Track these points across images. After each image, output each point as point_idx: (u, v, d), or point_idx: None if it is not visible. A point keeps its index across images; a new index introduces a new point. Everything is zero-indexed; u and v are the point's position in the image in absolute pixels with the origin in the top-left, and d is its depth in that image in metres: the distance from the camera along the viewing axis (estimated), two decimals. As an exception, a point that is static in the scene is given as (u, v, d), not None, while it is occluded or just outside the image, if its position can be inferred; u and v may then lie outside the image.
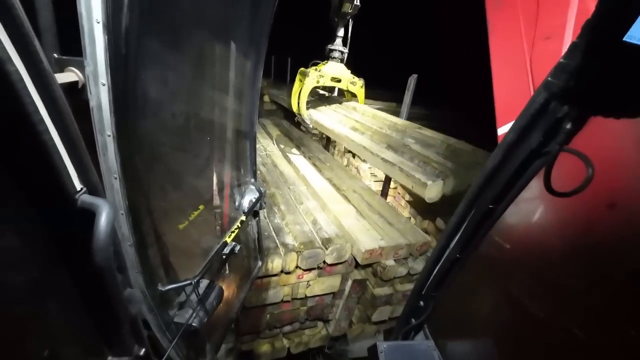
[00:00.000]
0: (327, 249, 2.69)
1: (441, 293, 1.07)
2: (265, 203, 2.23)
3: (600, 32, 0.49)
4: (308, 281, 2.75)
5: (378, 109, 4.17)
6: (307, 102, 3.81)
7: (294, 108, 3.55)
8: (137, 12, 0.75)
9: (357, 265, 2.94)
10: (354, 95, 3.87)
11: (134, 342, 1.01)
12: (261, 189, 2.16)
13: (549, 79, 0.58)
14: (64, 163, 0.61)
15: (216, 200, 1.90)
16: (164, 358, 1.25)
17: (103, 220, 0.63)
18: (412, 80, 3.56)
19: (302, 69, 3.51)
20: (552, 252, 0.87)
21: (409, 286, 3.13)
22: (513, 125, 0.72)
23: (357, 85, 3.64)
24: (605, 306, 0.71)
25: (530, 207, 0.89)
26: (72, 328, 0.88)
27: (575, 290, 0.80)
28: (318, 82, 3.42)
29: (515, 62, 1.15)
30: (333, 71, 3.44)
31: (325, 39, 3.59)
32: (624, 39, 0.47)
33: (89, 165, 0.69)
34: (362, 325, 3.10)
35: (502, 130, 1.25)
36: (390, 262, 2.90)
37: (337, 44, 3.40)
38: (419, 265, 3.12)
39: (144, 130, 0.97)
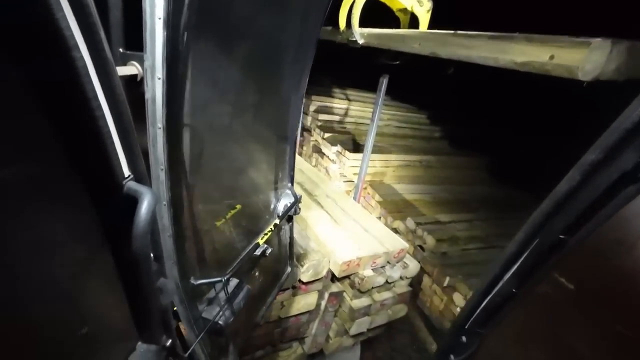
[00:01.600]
0: (302, 266, 2.49)
1: (489, 331, 0.94)
2: (300, 209, 2.22)
3: None
4: (282, 302, 2.55)
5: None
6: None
7: (341, 24, 2.91)
8: (195, 10, 0.78)
9: (334, 277, 2.74)
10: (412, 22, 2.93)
11: (163, 332, 1.03)
12: (297, 194, 2.15)
13: None
14: (115, 149, 0.64)
15: (252, 201, 1.93)
16: (189, 352, 1.27)
17: (144, 208, 0.64)
18: (384, 81, 3.20)
19: None
20: (633, 302, 0.71)
21: (387, 294, 2.91)
22: (598, 143, 0.60)
23: (423, 7, 2.87)
24: None
25: (608, 242, 0.74)
26: (108, 310, 0.92)
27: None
28: None
29: None
30: None
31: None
32: None
33: (138, 154, 0.72)
34: (339, 339, 2.88)
35: None
36: (368, 272, 2.73)
37: None
38: (396, 273, 2.91)
39: (192, 125, 1.01)
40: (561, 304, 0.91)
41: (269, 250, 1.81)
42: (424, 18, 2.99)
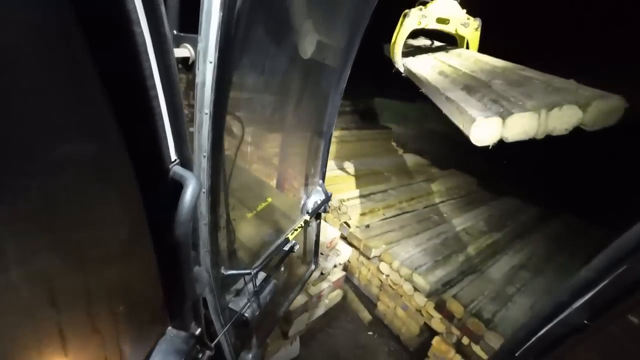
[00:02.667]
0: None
1: (544, 360, 0.83)
2: (329, 207, 2.17)
3: None
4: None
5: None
6: (411, 52, 3.21)
7: (391, 56, 3.00)
8: (252, -7, 0.75)
9: None
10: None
11: (192, 320, 1.02)
12: (328, 192, 2.10)
13: None
14: (165, 131, 0.62)
15: (284, 196, 1.91)
16: (214, 342, 1.26)
17: (189, 193, 0.62)
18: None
19: (406, 10, 2.91)
20: None
21: (323, 285, 2.80)
22: None
23: (469, 28, 2.88)
24: None
25: None
26: (145, 293, 0.92)
27: None
28: (420, 23, 2.79)
29: None
30: (440, 10, 2.76)
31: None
32: None
33: (186, 138, 0.70)
34: (277, 343, 2.73)
35: None
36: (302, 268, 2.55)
37: None
38: (330, 263, 2.85)
39: (236, 115, 0.99)
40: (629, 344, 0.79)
41: (296, 247, 1.78)
42: (473, 37, 2.96)
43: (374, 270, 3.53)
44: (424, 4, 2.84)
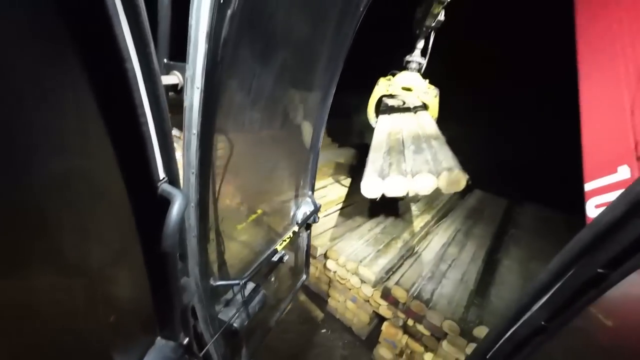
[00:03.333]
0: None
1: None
2: (318, 217, 2.23)
3: None
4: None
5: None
6: (390, 109, 3.91)
7: (369, 114, 3.68)
8: (235, 25, 0.83)
9: None
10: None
11: (181, 330, 1.06)
12: (317, 203, 2.16)
13: None
14: (154, 153, 0.68)
15: (273, 207, 1.96)
16: (203, 352, 1.29)
17: (176, 209, 0.68)
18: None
19: (381, 78, 3.57)
20: None
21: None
22: None
23: (429, 95, 3.48)
24: None
25: None
26: (135, 303, 0.96)
27: None
28: (387, 90, 3.47)
29: (612, 113, 1.08)
30: (404, 80, 3.43)
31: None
32: None
33: (174, 158, 0.76)
34: None
35: (590, 186, 1.13)
36: None
37: (415, 55, 3.42)
38: None
39: (224, 132, 1.05)
40: (598, 342, 0.85)
41: (286, 257, 1.83)
42: (432, 103, 3.60)
43: (321, 268, 3.61)
44: (394, 74, 3.50)
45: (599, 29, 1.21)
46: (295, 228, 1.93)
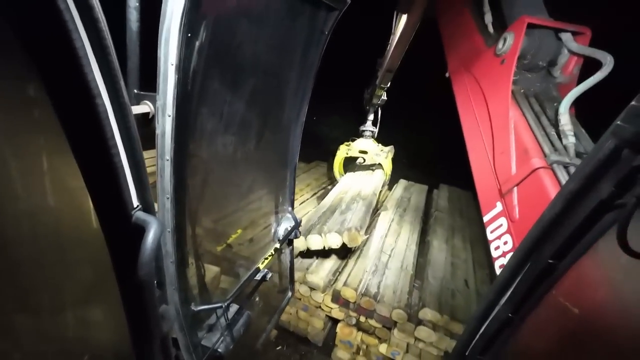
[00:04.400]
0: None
1: (490, 357, 0.93)
2: (300, 232, 2.24)
3: None
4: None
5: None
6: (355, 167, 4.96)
7: (335, 174, 4.61)
8: (203, 57, 0.87)
9: None
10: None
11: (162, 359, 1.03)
12: (297, 218, 2.19)
13: (619, 123, 0.52)
14: (127, 182, 0.69)
15: (254, 226, 1.96)
16: (187, 382, 1.25)
17: (151, 236, 0.68)
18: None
19: (342, 145, 4.56)
20: (632, 324, 0.72)
21: None
22: (576, 172, 0.65)
23: (381, 156, 4.45)
24: None
25: (609, 266, 0.76)
26: (111, 338, 0.93)
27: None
28: (347, 153, 4.41)
29: (485, 168, 1.50)
30: (361, 145, 4.38)
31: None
32: None
33: (147, 186, 0.77)
34: None
35: (485, 218, 1.44)
36: None
37: (368, 125, 4.42)
38: None
39: (197, 157, 1.07)
40: (567, 327, 0.92)
41: (269, 275, 1.82)
42: (385, 162, 4.57)
43: None
44: (353, 140, 4.52)
45: (470, 122, 1.74)
46: (277, 245, 1.94)
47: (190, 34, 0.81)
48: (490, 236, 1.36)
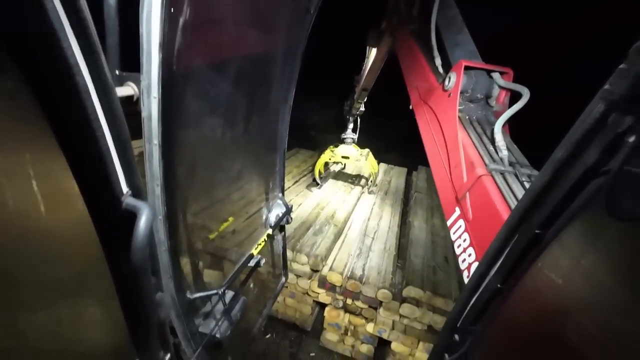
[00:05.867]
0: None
1: (481, 328, 0.97)
2: (291, 218, 2.25)
3: None
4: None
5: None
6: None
7: (316, 174, 4.90)
8: (189, 34, 0.83)
9: None
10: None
11: (160, 348, 1.03)
12: (288, 204, 2.18)
13: (607, 87, 0.53)
14: (115, 167, 0.66)
15: (245, 213, 1.95)
16: (187, 367, 1.26)
17: (143, 222, 0.66)
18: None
19: (331, 146, 4.96)
20: (614, 292, 0.77)
21: None
22: (564, 140, 0.67)
23: (362, 160, 4.81)
24: None
25: (591, 237, 0.80)
26: (106, 327, 0.92)
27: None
28: (330, 158, 4.82)
29: (444, 178, 1.76)
30: (343, 151, 4.80)
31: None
32: None
33: (136, 170, 0.75)
34: None
35: (449, 221, 1.64)
36: None
37: (348, 133, 4.85)
38: None
39: (186, 141, 1.04)
40: (551, 298, 0.97)
41: (262, 261, 1.82)
42: (369, 162, 4.85)
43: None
44: (337, 146, 4.92)
45: (430, 143, 2.05)
46: (269, 231, 1.94)
47: (174, 10, 0.77)
48: (453, 237, 1.58)
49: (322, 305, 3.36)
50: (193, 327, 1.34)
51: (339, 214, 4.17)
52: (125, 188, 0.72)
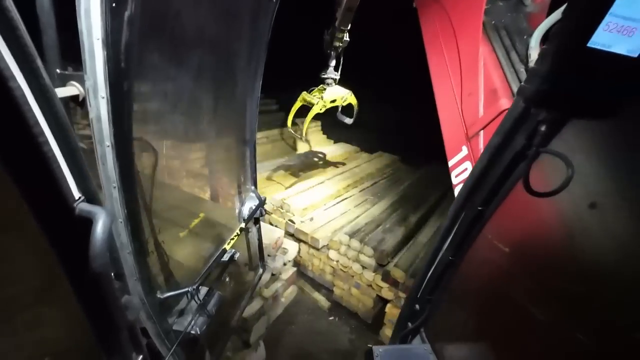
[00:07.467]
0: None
1: (437, 296, 1.07)
2: (265, 210, 2.25)
3: (566, 39, 0.51)
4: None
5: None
6: None
7: (289, 124, 4.16)
8: (136, 28, 0.79)
9: None
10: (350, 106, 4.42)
11: (132, 350, 1.02)
12: (261, 196, 2.18)
13: (523, 84, 0.60)
14: (63, 173, 0.64)
15: (216, 208, 1.92)
16: (162, 366, 1.26)
17: (99, 227, 0.65)
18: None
19: (304, 93, 4.14)
20: (547, 254, 0.87)
21: (276, 285, 3.08)
22: (498, 128, 0.74)
23: (348, 101, 4.26)
24: (607, 308, 0.71)
25: (525, 209, 0.89)
26: (72, 335, 0.90)
27: (573, 292, 0.80)
28: (321, 110, 4.11)
29: (452, 111, 1.45)
30: (330, 96, 4.12)
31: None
32: (588, 44, 0.50)
33: (87, 174, 0.72)
34: (240, 354, 2.83)
35: (451, 162, 1.46)
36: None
37: (330, 72, 4.02)
38: (279, 263, 3.13)
39: (144, 139, 1.01)
40: (497, 263, 1.07)
41: (237, 255, 1.83)
42: (352, 100, 4.21)
43: (324, 259, 3.79)
44: (311, 91, 4.11)
45: (437, 60, 1.64)
46: (242, 224, 1.94)
47: (116, 3, 0.73)
48: (455, 180, 1.36)
49: (385, 302, 3.40)
50: (167, 326, 1.34)
51: (412, 219, 4.15)
52: (77, 194, 0.70)
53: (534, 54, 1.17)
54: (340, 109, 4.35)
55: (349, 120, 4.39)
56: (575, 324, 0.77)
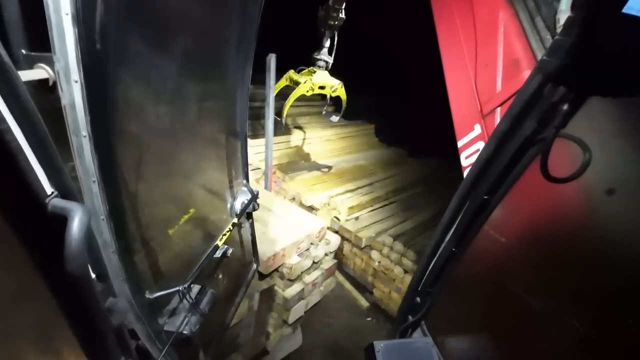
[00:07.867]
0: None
1: (438, 289, 1.04)
2: (258, 205, 2.19)
3: (598, 5, 0.46)
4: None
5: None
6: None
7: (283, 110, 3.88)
8: (111, 3, 0.71)
9: (260, 275, 2.62)
10: (338, 98, 4.14)
11: (120, 353, 0.96)
12: (254, 190, 2.11)
13: (545, 57, 0.55)
14: (30, 166, 0.57)
15: (207, 203, 1.85)
16: (154, 368, 1.21)
17: (75, 225, 0.59)
18: (271, 60, 3.47)
19: (291, 71, 3.78)
20: (549, 244, 0.85)
21: (317, 274, 3.11)
22: (506, 114, 0.70)
23: (337, 91, 3.94)
24: (608, 298, 0.69)
25: (524, 198, 0.86)
26: (52, 341, 0.83)
27: (576, 283, 0.78)
28: (307, 92, 3.78)
29: (464, 86, 1.32)
30: (320, 80, 3.74)
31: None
32: (623, 10, 0.45)
33: (61, 168, 0.65)
34: (279, 331, 2.89)
35: (460, 142, 1.37)
36: (295, 259, 2.76)
37: (323, 53, 3.62)
38: (321, 252, 3.11)
39: (125, 130, 0.93)
40: (497, 254, 1.05)
41: (229, 251, 1.77)
42: (341, 93, 3.94)
43: (366, 259, 3.78)
44: (302, 70, 3.80)
45: (448, 28, 1.47)
46: (235, 219, 1.87)
47: (87, -26, 0.64)
48: (464, 162, 1.26)
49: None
50: (157, 327, 1.28)
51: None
52: (49, 189, 0.63)
53: (563, 18, 1.01)
54: (328, 100, 4.04)
55: (335, 118, 4.19)
56: (582, 316, 0.75)
